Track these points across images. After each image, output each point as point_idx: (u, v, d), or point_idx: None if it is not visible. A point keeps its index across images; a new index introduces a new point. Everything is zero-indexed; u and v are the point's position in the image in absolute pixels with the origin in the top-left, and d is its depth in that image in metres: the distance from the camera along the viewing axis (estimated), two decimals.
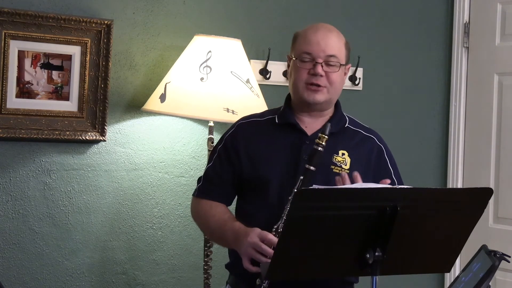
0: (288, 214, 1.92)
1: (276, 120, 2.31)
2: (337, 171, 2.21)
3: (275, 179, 2.21)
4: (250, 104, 2.79)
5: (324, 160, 2.16)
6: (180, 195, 3.04)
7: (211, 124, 2.84)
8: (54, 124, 2.75)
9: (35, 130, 2.71)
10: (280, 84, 3.21)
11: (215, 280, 2.87)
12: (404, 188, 1.90)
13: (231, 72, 2.80)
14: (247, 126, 2.34)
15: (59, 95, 2.76)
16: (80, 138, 2.80)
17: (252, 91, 2.84)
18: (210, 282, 2.85)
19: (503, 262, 1.81)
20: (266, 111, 2.49)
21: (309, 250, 1.80)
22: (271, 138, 2.28)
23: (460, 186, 3.75)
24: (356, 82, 3.51)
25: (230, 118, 2.70)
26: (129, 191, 2.94)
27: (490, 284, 1.79)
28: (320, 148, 2.11)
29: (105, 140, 2.85)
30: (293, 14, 3.32)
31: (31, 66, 2.69)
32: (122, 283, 2.93)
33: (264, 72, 3.22)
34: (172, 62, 2.88)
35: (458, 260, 2.14)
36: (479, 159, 3.72)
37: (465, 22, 3.75)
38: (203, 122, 3.01)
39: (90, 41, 2.77)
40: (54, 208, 2.79)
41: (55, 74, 2.74)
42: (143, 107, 2.85)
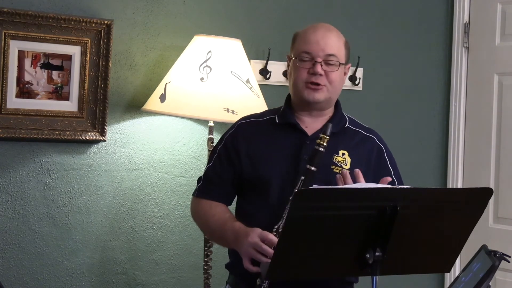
0: (288, 214, 1.92)
1: (277, 120, 2.31)
2: (337, 171, 2.21)
3: (275, 179, 2.21)
4: (250, 104, 2.79)
5: (324, 160, 2.15)
6: (180, 195, 3.04)
7: (211, 124, 2.84)
8: (54, 124, 2.75)
9: (35, 130, 2.71)
10: (280, 84, 3.21)
11: (215, 280, 2.87)
12: (404, 188, 1.90)
13: (231, 72, 2.80)
14: (247, 126, 2.34)
15: (59, 95, 2.76)
16: (80, 138, 2.80)
17: (252, 91, 2.84)
18: (210, 282, 2.85)
19: (503, 262, 1.81)
20: (266, 111, 2.49)
21: (309, 250, 1.80)
22: (272, 138, 2.28)
23: (460, 186, 3.74)
24: (356, 82, 3.51)
25: (230, 118, 2.70)
26: (129, 191, 2.94)
27: (490, 284, 1.79)
28: (321, 149, 2.11)
29: (105, 140, 2.85)
30: (293, 14, 3.32)
31: (31, 66, 2.69)
32: (122, 283, 2.93)
33: (264, 72, 3.22)
34: (172, 62, 2.88)
35: (458, 260, 2.14)
36: (479, 159, 3.72)
37: (465, 22, 3.75)
38: (203, 122, 3.01)
39: (90, 41, 2.77)
40: (54, 208, 2.79)
41: (55, 74, 2.74)
42: (143, 107, 2.85)
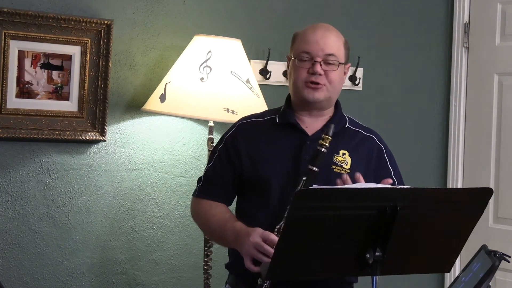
0: (288, 214, 1.91)
1: (277, 120, 2.31)
2: (337, 171, 2.21)
3: (276, 179, 2.21)
4: (250, 104, 2.79)
5: (325, 160, 2.16)
6: (180, 195, 3.04)
7: (211, 124, 2.84)
8: (54, 124, 2.75)
9: (35, 130, 2.71)
10: (280, 84, 3.21)
11: (215, 280, 2.87)
12: (404, 188, 1.90)
13: (231, 72, 2.80)
14: (248, 126, 2.34)
15: (59, 95, 2.76)
16: (80, 138, 2.79)
17: (252, 91, 2.84)
18: (210, 282, 2.85)
19: (503, 262, 1.81)
20: (266, 111, 2.49)
21: (309, 250, 1.80)
22: (272, 138, 2.28)
23: (460, 186, 3.74)
24: (356, 82, 3.51)
25: (230, 118, 2.70)
26: (129, 191, 2.94)
27: (490, 284, 1.79)
28: (323, 149, 2.11)
29: (105, 140, 2.85)
30: (293, 14, 3.32)
31: (31, 66, 2.69)
32: (122, 283, 2.93)
33: (264, 72, 3.22)
34: (172, 62, 2.88)
35: (458, 260, 2.14)
36: (479, 159, 3.72)
37: (465, 22, 3.75)
38: (203, 122, 3.01)
39: (90, 41, 2.77)
40: (54, 208, 2.79)
41: (55, 74, 2.74)
42: (143, 107, 2.85)
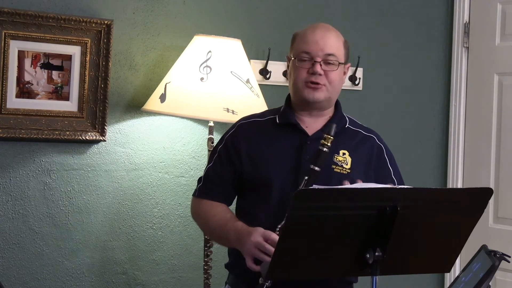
0: (288, 214, 1.91)
1: (277, 120, 2.31)
2: (338, 171, 2.21)
3: (276, 180, 2.21)
4: (250, 104, 2.79)
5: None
6: (180, 195, 3.03)
7: (211, 124, 2.84)
8: (54, 124, 2.75)
9: (35, 130, 2.71)
10: (280, 84, 3.21)
11: (215, 280, 2.87)
12: (404, 188, 1.90)
13: (231, 72, 2.80)
14: (248, 126, 2.34)
15: (59, 95, 2.76)
16: (80, 138, 2.79)
17: (252, 91, 2.84)
18: (210, 282, 2.85)
19: (503, 262, 1.81)
20: (266, 111, 2.49)
21: (309, 250, 1.80)
22: (272, 138, 2.28)
23: (460, 186, 3.74)
24: (356, 82, 3.51)
25: (230, 118, 2.70)
26: (129, 191, 2.94)
27: (490, 284, 1.79)
28: (325, 149, 2.11)
29: (105, 140, 2.85)
30: (293, 14, 3.32)
31: (31, 66, 2.69)
32: (122, 283, 2.93)
33: (264, 72, 3.21)
34: (172, 62, 2.88)
35: (458, 260, 2.14)
36: (479, 159, 3.72)
37: (465, 22, 3.75)
38: (203, 122, 3.01)
39: (90, 41, 2.77)
40: (54, 208, 2.79)
41: (55, 74, 2.74)
42: (143, 107, 2.85)
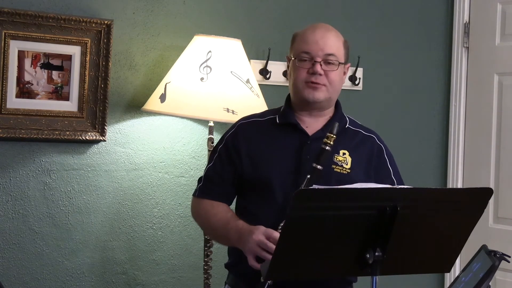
0: (288, 214, 1.92)
1: (277, 120, 2.31)
2: (338, 171, 2.21)
3: (277, 180, 2.21)
4: (250, 104, 2.79)
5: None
6: (180, 195, 3.03)
7: (211, 124, 2.84)
8: (54, 124, 2.75)
9: (35, 130, 2.71)
10: (280, 84, 3.21)
11: (215, 280, 2.87)
12: (404, 188, 1.90)
13: (231, 72, 2.80)
14: (248, 126, 2.34)
15: (59, 95, 2.76)
16: (80, 138, 2.79)
17: (252, 91, 2.84)
18: (210, 282, 2.85)
19: (503, 262, 1.81)
20: (266, 111, 2.49)
21: (309, 250, 1.80)
22: (272, 138, 2.28)
23: (460, 186, 3.74)
24: (356, 82, 3.51)
25: (230, 118, 2.70)
26: (129, 191, 2.94)
27: (490, 284, 1.79)
28: (328, 148, 2.12)
29: (105, 140, 2.85)
30: (293, 14, 3.32)
31: (31, 66, 2.69)
32: (122, 283, 2.93)
33: (264, 72, 3.21)
34: (172, 62, 2.88)
35: (458, 260, 2.14)
36: (479, 159, 3.72)
37: (465, 22, 3.75)
38: (203, 122, 3.01)
39: (90, 41, 2.77)
40: (54, 208, 2.79)
41: (55, 74, 2.74)
42: (143, 107, 2.85)
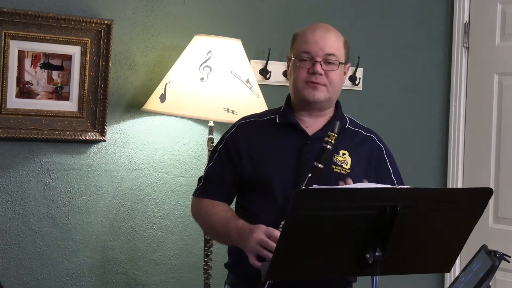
0: (287, 214, 1.92)
1: (277, 120, 2.31)
2: (338, 171, 2.21)
3: (277, 180, 2.21)
4: (250, 104, 2.79)
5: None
6: (180, 195, 3.03)
7: (211, 124, 2.84)
8: (54, 124, 2.75)
9: (35, 130, 2.71)
10: (280, 84, 3.21)
11: (215, 280, 2.87)
12: (404, 188, 1.90)
13: (231, 72, 2.80)
14: (248, 126, 2.34)
15: (59, 95, 2.76)
16: (80, 138, 2.79)
17: (252, 91, 2.84)
18: (210, 282, 2.85)
19: (503, 262, 1.81)
20: (266, 111, 2.49)
21: (309, 250, 1.80)
22: (272, 138, 2.28)
23: (460, 186, 3.74)
24: (356, 82, 3.51)
25: (230, 118, 2.70)
26: (129, 191, 2.94)
27: (490, 284, 1.79)
28: (329, 146, 2.11)
29: (105, 140, 2.85)
30: (293, 14, 3.32)
31: (31, 66, 2.69)
32: (122, 283, 2.93)
33: (264, 72, 3.21)
34: (172, 62, 2.88)
35: (458, 260, 2.14)
36: (479, 159, 3.72)
37: (465, 22, 3.75)
38: (203, 122, 3.01)
39: (90, 41, 2.77)
40: (54, 208, 2.79)
41: (55, 74, 2.74)
42: (143, 107, 2.85)
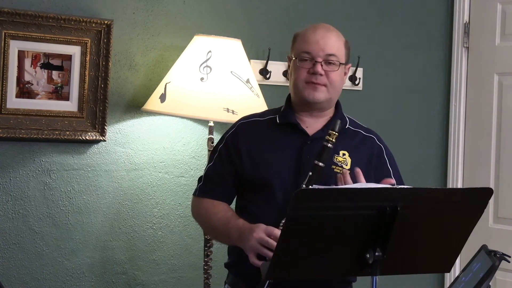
0: (287, 214, 1.92)
1: (277, 120, 2.31)
2: (338, 171, 2.21)
3: (277, 180, 2.21)
4: (250, 104, 2.79)
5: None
6: (180, 195, 3.04)
7: (211, 124, 2.84)
8: (54, 124, 2.75)
9: (35, 130, 2.71)
10: (280, 84, 3.21)
11: (215, 280, 2.87)
12: (404, 188, 1.90)
13: (231, 72, 2.80)
14: (248, 126, 2.33)
15: (59, 95, 2.76)
16: (80, 138, 2.79)
17: (252, 91, 2.84)
18: (210, 282, 2.85)
19: (503, 262, 1.81)
20: (266, 111, 2.49)
21: (309, 250, 1.80)
22: (272, 138, 2.28)
23: (460, 186, 3.74)
24: (356, 82, 3.51)
25: (230, 118, 2.70)
26: (129, 191, 2.94)
27: (490, 284, 1.79)
28: (329, 145, 2.11)
29: (105, 140, 2.85)
30: (293, 14, 3.32)
31: (31, 66, 2.69)
32: (122, 283, 2.93)
33: (264, 72, 3.21)
34: (172, 62, 2.88)
35: (458, 260, 2.14)
36: (479, 159, 3.72)
37: (465, 22, 3.75)
38: (203, 122, 3.01)
39: (90, 41, 2.77)
40: (54, 208, 2.79)
41: (55, 74, 2.74)
42: (143, 107, 2.85)
